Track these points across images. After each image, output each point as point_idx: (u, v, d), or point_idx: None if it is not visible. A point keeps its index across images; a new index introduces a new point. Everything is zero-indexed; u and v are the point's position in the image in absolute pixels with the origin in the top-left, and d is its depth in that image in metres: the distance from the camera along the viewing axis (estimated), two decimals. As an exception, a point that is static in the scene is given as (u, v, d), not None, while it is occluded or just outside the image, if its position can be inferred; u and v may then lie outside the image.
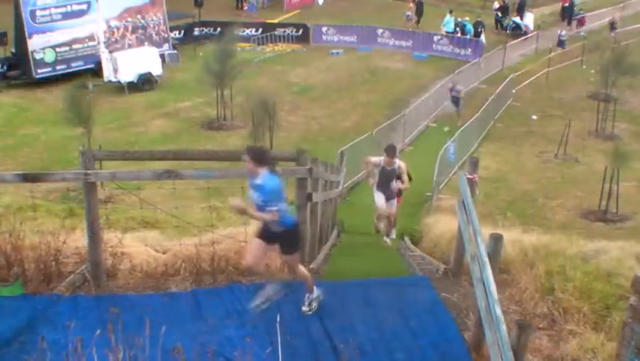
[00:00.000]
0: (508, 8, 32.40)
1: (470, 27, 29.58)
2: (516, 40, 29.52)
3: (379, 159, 9.95)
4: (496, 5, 32.33)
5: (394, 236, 10.92)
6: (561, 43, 29.27)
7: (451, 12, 30.59)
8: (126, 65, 23.42)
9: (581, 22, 32.17)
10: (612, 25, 31.57)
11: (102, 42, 24.07)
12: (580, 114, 22.36)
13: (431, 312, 5.79)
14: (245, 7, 34.54)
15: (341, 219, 12.66)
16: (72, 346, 4.21)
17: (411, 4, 32.07)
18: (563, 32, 29.64)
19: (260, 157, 5.35)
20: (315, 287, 5.77)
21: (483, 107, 21.07)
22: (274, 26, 30.60)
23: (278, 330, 4.77)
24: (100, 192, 8.72)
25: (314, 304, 5.73)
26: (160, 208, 7.67)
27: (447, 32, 29.61)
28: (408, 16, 31.89)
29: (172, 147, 17.52)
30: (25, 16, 23.11)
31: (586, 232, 11.80)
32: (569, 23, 32.43)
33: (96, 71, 24.01)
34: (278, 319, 4.90)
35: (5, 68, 23.67)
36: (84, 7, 24.34)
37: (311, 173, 6.52)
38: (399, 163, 9.87)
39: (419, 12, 31.83)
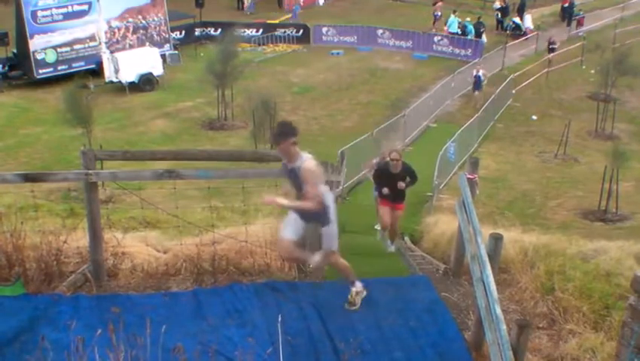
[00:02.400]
0: (508, 8, 32.42)
1: (471, 28, 29.61)
2: (516, 41, 29.53)
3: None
4: (497, 5, 32.31)
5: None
6: (477, 85, 23.31)
7: (455, 12, 30.60)
8: (127, 66, 23.46)
9: (580, 23, 32.17)
10: (550, 46, 27.81)
11: (103, 42, 24.12)
12: (580, 114, 22.40)
13: (431, 311, 5.80)
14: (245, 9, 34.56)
15: (341, 219, 12.65)
16: (74, 345, 4.23)
17: (440, 3, 31.92)
18: (480, 72, 23.54)
19: None
20: None
21: (483, 108, 21.09)
22: (274, 27, 30.63)
23: (279, 330, 4.79)
24: (101, 191, 8.75)
25: None
26: (160, 208, 7.69)
27: (451, 32, 29.62)
28: (437, 15, 31.72)
29: (172, 147, 17.55)
30: (27, 16, 23.15)
31: (586, 231, 11.81)
32: (569, 24, 32.44)
33: (97, 72, 24.06)
34: (279, 319, 4.92)
35: (6, 68, 23.72)
36: (85, 7, 24.38)
37: (311, 173, 6.51)
38: (303, 161, 5.34)
39: (434, 14, 31.81)
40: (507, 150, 19.96)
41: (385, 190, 8.89)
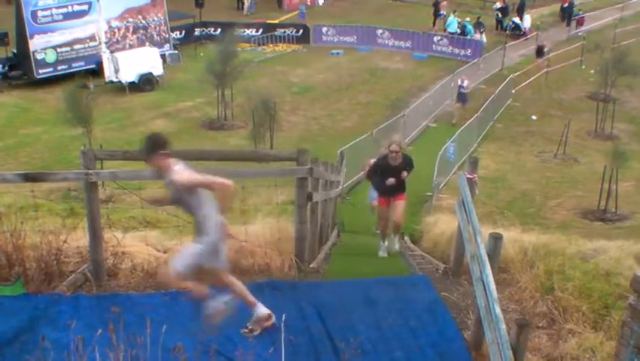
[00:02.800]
0: (508, 8, 32.43)
1: (470, 28, 29.62)
2: (516, 41, 29.54)
3: None
4: (498, 5, 32.30)
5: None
6: (461, 97, 22.08)
7: (454, 12, 30.59)
8: (127, 65, 23.47)
9: (580, 23, 32.18)
10: (540, 50, 27.29)
11: (103, 42, 24.13)
12: (580, 114, 22.41)
13: (430, 311, 5.81)
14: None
15: (341, 219, 12.68)
16: (74, 345, 4.23)
17: (445, 3, 31.84)
18: (465, 83, 22.07)
19: None
20: None
21: (483, 107, 21.10)
22: (274, 27, 30.64)
23: (282, 329, 4.79)
24: (101, 191, 8.75)
25: None
26: (160, 208, 7.70)
27: (450, 32, 29.62)
28: (441, 15, 31.63)
29: (172, 147, 17.53)
30: (27, 16, 23.16)
31: (586, 231, 11.82)
32: (568, 24, 32.44)
33: (97, 72, 24.07)
34: (282, 318, 4.91)
35: (7, 68, 23.73)
36: (85, 7, 24.39)
37: (311, 173, 6.54)
38: (174, 175, 4.91)
39: (437, 13, 31.79)
40: (506, 149, 19.97)
41: (391, 180, 8.45)
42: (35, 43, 23.51)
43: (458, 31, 29.68)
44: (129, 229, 8.80)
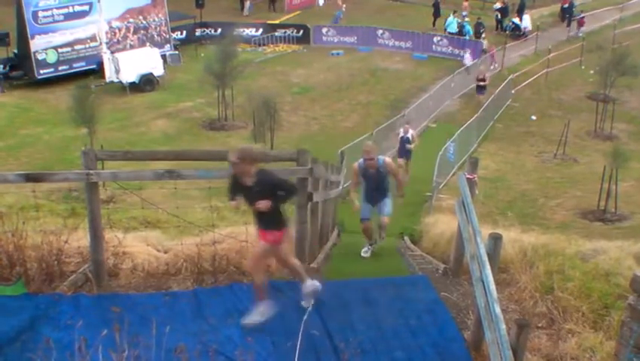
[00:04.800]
0: (508, 9, 32.41)
1: (469, 28, 29.63)
2: (516, 42, 29.54)
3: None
4: (498, 5, 32.27)
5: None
6: (404, 152, 16.41)
7: (454, 13, 30.60)
8: (127, 66, 23.50)
9: (580, 23, 32.16)
10: (480, 85, 22.99)
11: (103, 43, 24.16)
12: (579, 115, 22.43)
13: (430, 311, 5.82)
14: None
15: (341, 219, 12.69)
16: (74, 345, 4.25)
17: (466, 3, 31.76)
18: (410, 133, 16.68)
19: None
20: None
21: (483, 108, 21.11)
22: (275, 27, 30.67)
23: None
24: (102, 192, 8.77)
25: None
26: (161, 208, 7.72)
27: (450, 33, 29.63)
28: (463, 15, 31.52)
29: (173, 147, 17.56)
30: (28, 17, 23.19)
31: (585, 231, 11.84)
32: (568, 24, 32.42)
33: (98, 72, 24.09)
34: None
35: (7, 68, 23.75)
36: (86, 8, 24.42)
37: (311, 173, 6.55)
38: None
39: (436, 13, 31.77)
40: (506, 150, 19.98)
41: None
42: (36, 43, 23.53)
43: (458, 31, 29.68)
44: (130, 229, 8.81)
